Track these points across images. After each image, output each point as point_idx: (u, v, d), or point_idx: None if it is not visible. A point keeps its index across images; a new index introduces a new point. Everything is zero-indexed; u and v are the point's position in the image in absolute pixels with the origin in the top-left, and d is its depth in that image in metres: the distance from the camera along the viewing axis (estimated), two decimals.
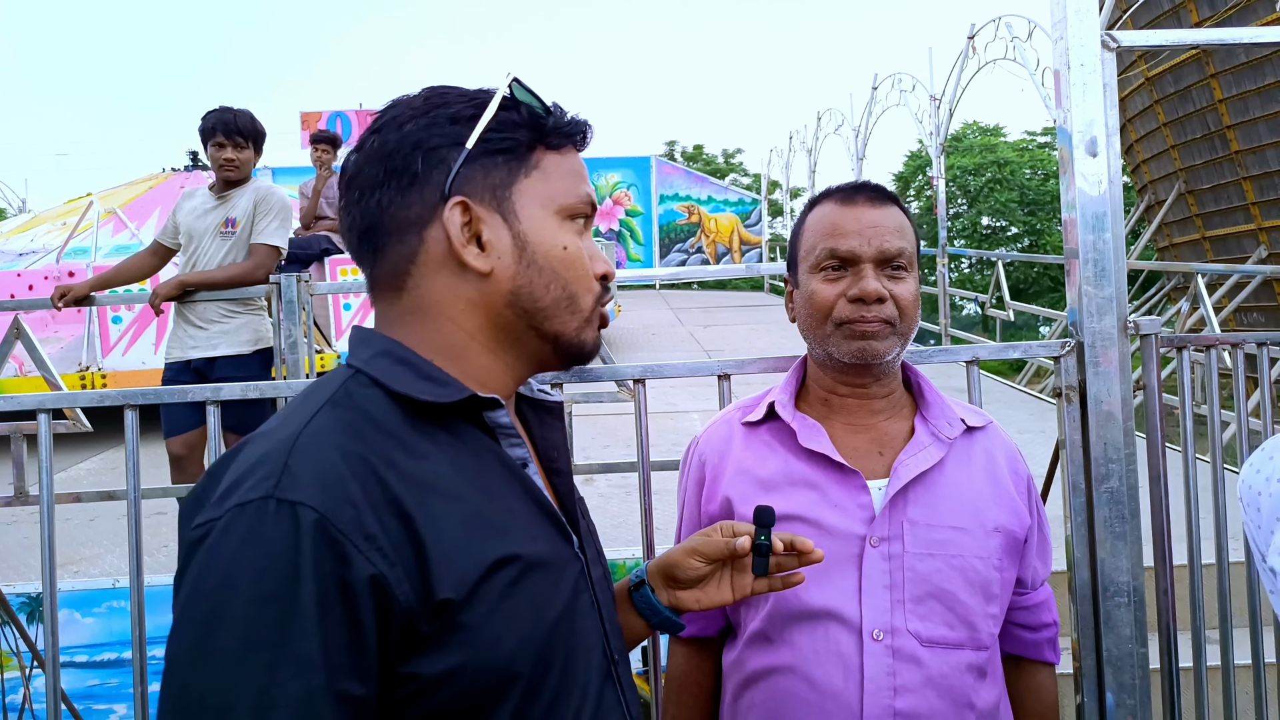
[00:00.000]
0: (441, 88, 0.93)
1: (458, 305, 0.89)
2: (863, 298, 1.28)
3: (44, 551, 1.88)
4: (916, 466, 1.29)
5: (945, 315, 9.25)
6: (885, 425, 1.35)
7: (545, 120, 0.92)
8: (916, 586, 1.25)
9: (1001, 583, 1.30)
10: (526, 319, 0.91)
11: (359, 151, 0.91)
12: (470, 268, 0.88)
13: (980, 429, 1.37)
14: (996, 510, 1.31)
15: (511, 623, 0.81)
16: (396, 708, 0.76)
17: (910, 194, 33.40)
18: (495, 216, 0.89)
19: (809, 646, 1.26)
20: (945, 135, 9.24)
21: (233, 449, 0.82)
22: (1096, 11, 1.74)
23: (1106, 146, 1.73)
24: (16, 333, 3.68)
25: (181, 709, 0.71)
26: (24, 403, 1.87)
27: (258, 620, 0.71)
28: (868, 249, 1.30)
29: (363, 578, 0.73)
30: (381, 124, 0.91)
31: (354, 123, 17.06)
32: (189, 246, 4.00)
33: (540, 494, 0.92)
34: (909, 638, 1.24)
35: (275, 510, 0.73)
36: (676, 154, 33.55)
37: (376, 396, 0.84)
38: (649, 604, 1.12)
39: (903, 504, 1.28)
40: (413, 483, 0.79)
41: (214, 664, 0.70)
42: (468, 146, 0.88)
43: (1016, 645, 1.39)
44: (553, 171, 0.92)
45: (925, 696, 1.23)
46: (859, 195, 1.35)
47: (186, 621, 0.74)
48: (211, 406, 1.79)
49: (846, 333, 1.30)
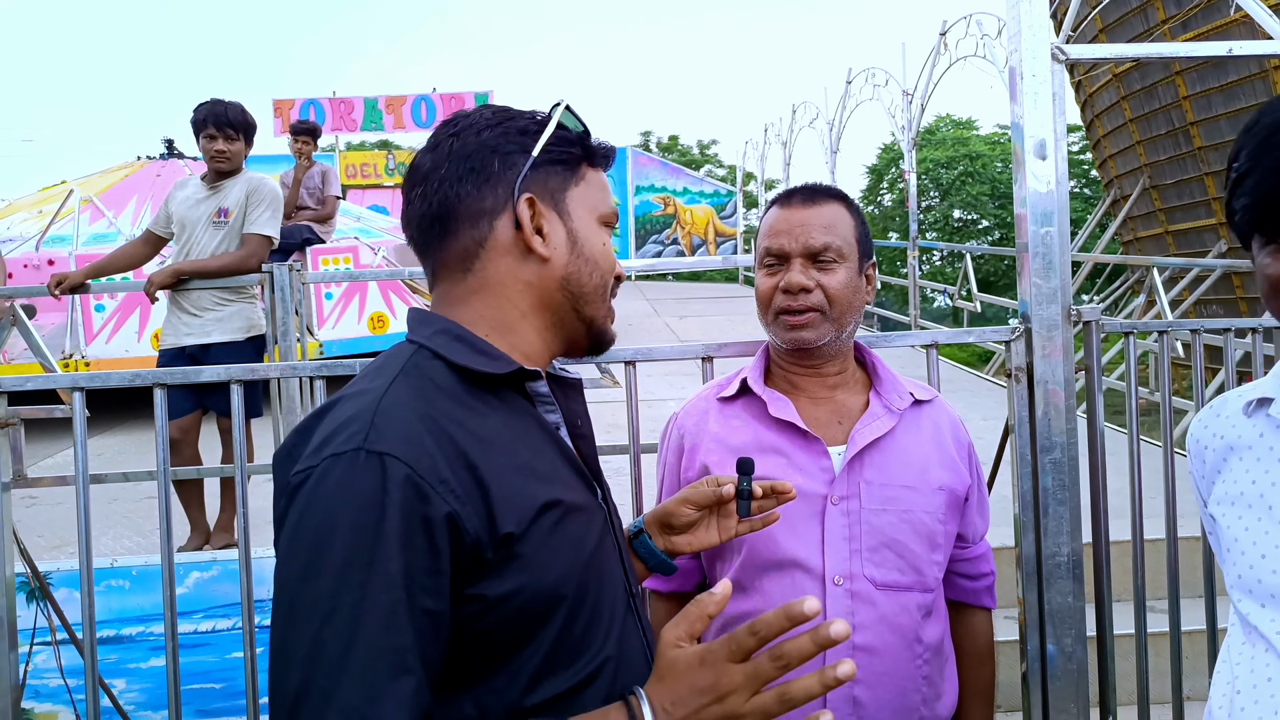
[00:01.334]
0: (505, 106, 1.11)
1: (516, 285, 1.06)
2: (788, 288, 1.47)
3: (80, 530, 2.04)
4: (871, 434, 1.47)
5: (915, 307, 9.48)
6: (842, 398, 1.53)
7: (590, 142, 1.11)
8: (871, 537, 1.44)
9: (945, 534, 1.49)
10: (572, 301, 1.09)
11: (433, 151, 1.07)
12: (534, 253, 1.05)
13: (928, 402, 1.56)
14: (940, 471, 1.50)
15: (558, 554, 0.98)
16: (466, 623, 0.92)
17: (884, 187, 33.71)
18: (553, 214, 1.07)
19: (778, 592, 1.44)
20: (917, 130, 9.44)
21: (317, 411, 0.99)
22: (1049, 26, 1.91)
23: (1055, 150, 1.90)
24: (13, 319, 3.79)
25: (292, 618, 0.87)
26: (59, 381, 1.99)
27: (352, 547, 0.86)
28: (795, 245, 1.48)
29: (440, 514, 0.89)
30: (459, 129, 1.07)
31: (327, 111, 17.00)
32: (181, 235, 4.10)
33: (571, 453, 1.09)
34: (865, 582, 1.43)
35: (365, 459, 0.88)
36: (652, 144, 33.66)
37: (439, 368, 1.00)
38: (647, 549, 1.29)
39: (859, 466, 1.46)
40: (474, 438, 0.95)
41: (318, 582, 0.86)
42: (534, 154, 1.05)
43: (958, 592, 1.60)
44: (594, 184, 1.12)
45: (879, 632, 1.42)
46: (795, 197, 1.54)
47: (293, 550, 0.89)
48: (236, 385, 1.92)
49: (782, 324, 1.50)
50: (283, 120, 16.63)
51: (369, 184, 17.68)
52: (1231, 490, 1.08)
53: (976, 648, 1.60)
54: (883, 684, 1.41)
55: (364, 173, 17.61)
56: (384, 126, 17.38)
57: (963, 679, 1.56)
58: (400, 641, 0.86)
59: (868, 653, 1.41)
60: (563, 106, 1.10)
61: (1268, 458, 1.05)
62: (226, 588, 3.48)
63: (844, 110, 11.52)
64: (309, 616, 0.86)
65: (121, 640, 3.52)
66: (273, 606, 0.90)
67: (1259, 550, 1.02)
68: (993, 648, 1.63)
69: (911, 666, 1.44)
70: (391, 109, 16.92)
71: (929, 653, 1.46)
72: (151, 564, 3.52)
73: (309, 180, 6.85)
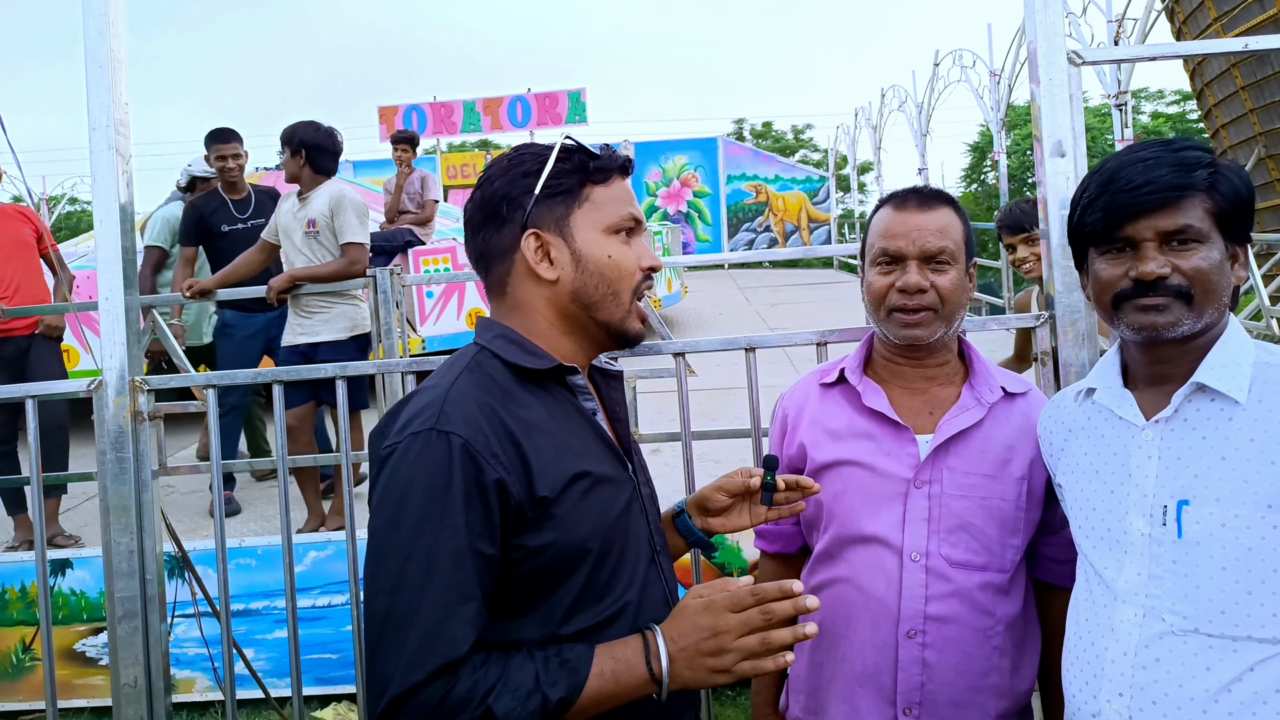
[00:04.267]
0: (521, 148, 1.34)
1: (539, 303, 1.30)
2: (905, 288, 1.58)
3: (217, 513, 2.31)
4: (958, 425, 1.58)
5: (1009, 289, 9.36)
6: (937, 390, 1.65)
7: (589, 163, 1.31)
8: (950, 520, 1.57)
9: (1025, 520, 1.58)
10: (585, 311, 1.31)
11: (471, 202, 1.33)
12: (543, 278, 1.28)
13: (1021, 395, 1.66)
14: (1023, 462, 1.58)
15: (586, 515, 1.22)
16: (511, 566, 1.18)
17: (986, 165, 32.85)
18: (559, 240, 1.29)
19: (861, 563, 1.60)
20: (1006, 110, 9.31)
21: (402, 400, 1.26)
22: (1064, 32, 2.04)
23: (1073, 148, 2.03)
24: (152, 325, 4.21)
25: (380, 558, 1.14)
26: (195, 380, 2.31)
27: (428, 504, 1.13)
28: (912, 248, 1.58)
29: (491, 480, 1.14)
30: (482, 181, 1.32)
31: (429, 116, 17.62)
32: (285, 244, 4.53)
33: (604, 434, 1.32)
34: (940, 559, 1.56)
35: (436, 437, 1.15)
36: (745, 131, 33.51)
37: (497, 365, 1.25)
38: (687, 527, 1.53)
39: (944, 455, 1.58)
40: (520, 421, 1.20)
41: (402, 530, 1.13)
42: (535, 194, 1.28)
43: (1047, 573, 1.67)
44: (599, 201, 1.31)
45: (950, 604, 1.55)
46: (909, 201, 1.63)
47: (382, 506, 1.16)
48: (340, 381, 2.21)
49: (897, 321, 1.60)
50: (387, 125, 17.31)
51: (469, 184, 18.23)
52: (1070, 462, 1.45)
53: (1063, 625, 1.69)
54: (951, 649, 1.55)
55: (464, 173, 18.18)
56: (482, 128, 17.91)
57: (1051, 655, 1.59)
58: (465, 575, 1.12)
59: (939, 621, 1.55)
60: (557, 146, 1.30)
61: (1094, 435, 1.42)
62: (340, 566, 3.81)
63: (933, 93, 11.41)
64: (394, 556, 1.12)
65: (249, 613, 3.86)
66: (366, 551, 1.17)
67: (1091, 504, 1.39)
68: None
69: (982, 637, 1.55)
70: (489, 110, 17.43)
71: (1002, 626, 1.56)
72: (274, 544, 3.87)
73: (409, 185, 7.26)
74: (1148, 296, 1.30)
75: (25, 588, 3.88)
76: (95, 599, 3.88)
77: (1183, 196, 1.28)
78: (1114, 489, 1.35)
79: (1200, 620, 1.23)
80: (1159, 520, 1.28)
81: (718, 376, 4.61)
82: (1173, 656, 1.24)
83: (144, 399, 2.18)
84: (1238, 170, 1.33)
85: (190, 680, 3.82)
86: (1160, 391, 1.35)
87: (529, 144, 1.35)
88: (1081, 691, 1.33)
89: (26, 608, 3.88)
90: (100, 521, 2.16)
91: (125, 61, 2.14)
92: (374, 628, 1.12)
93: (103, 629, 3.84)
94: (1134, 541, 1.30)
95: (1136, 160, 1.32)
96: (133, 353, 2.16)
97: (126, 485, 2.16)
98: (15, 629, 3.87)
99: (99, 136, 2.10)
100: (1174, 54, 2.18)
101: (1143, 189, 1.29)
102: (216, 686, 3.79)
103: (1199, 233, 1.29)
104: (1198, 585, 1.24)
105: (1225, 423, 1.27)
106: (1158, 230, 1.30)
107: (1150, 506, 1.30)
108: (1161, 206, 1.29)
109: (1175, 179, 1.29)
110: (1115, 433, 1.38)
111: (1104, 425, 1.41)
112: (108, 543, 2.17)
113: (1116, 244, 1.34)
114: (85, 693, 3.85)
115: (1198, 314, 1.29)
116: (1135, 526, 1.31)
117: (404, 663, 1.08)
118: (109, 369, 2.15)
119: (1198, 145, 1.33)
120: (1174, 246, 1.30)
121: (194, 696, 3.82)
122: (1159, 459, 1.31)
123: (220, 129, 5.07)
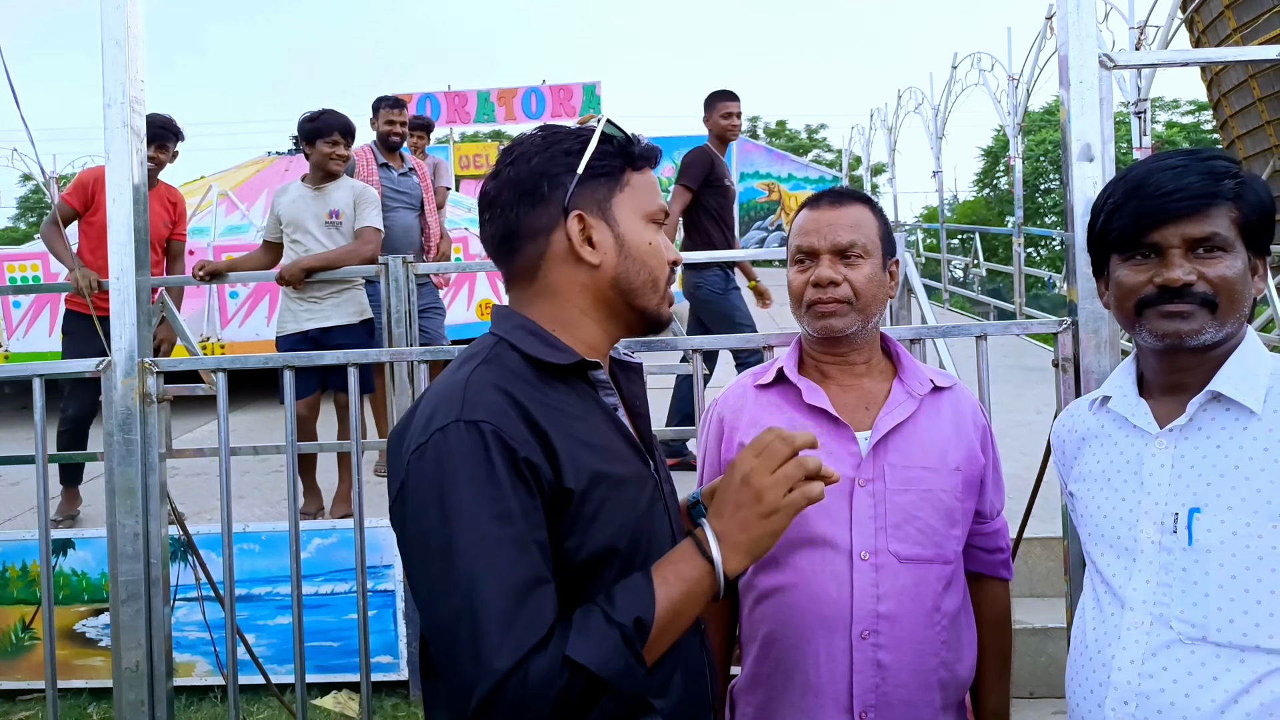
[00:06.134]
0: (553, 127, 1.28)
1: (574, 288, 1.24)
2: (818, 282, 1.61)
3: (222, 497, 2.29)
4: (894, 419, 1.59)
5: (1020, 294, 9.33)
6: (868, 385, 1.66)
7: (631, 149, 1.27)
8: (895, 515, 1.57)
9: (963, 511, 1.62)
10: (625, 297, 1.25)
11: (495, 179, 1.25)
12: (585, 262, 1.23)
13: (948, 388, 1.68)
14: (957, 453, 1.62)
15: (613, 516, 1.16)
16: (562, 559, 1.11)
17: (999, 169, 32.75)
18: (601, 223, 1.23)
19: (809, 567, 1.59)
20: (1023, 115, 9.26)
21: (417, 400, 1.19)
22: (1095, 35, 2.00)
23: (1102, 153, 2.00)
24: (161, 306, 4.20)
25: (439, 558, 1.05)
26: (205, 363, 2.30)
27: (476, 495, 1.06)
28: (823, 243, 1.61)
29: (525, 461, 1.08)
30: (513, 158, 1.25)
31: (443, 105, 17.59)
32: (294, 234, 4.49)
33: (627, 430, 1.27)
34: (889, 556, 1.56)
35: (465, 428, 1.08)
36: (760, 129, 33.47)
37: (515, 357, 1.19)
38: (703, 517, 1.47)
39: (884, 450, 1.59)
40: (545, 411, 1.14)
41: (452, 526, 1.05)
42: (578, 173, 1.22)
43: (978, 564, 1.72)
44: (638, 187, 1.26)
45: (901, 602, 1.55)
46: (823, 200, 1.67)
47: (424, 509, 1.07)
48: (352, 368, 2.18)
49: (813, 314, 1.62)
50: None
51: (482, 174, 18.18)
52: (1083, 470, 1.46)
53: (995, 616, 1.73)
54: (904, 648, 1.55)
55: (477, 163, 18.16)
56: (496, 118, 17.85)
57: (982, 644, 1.69)
58: (531, 559, 1.06)
59: (890, 620, 1.54)
60: (603, 122, 1.25)
61: (1107, 443, 1.43)
62: (344, 554, 3.80)
63: (949, 95, 11.36)
64: (452, 554, 1.04)
65: (251, 598, 3.85)
66: (411, 563, 1.10)
67: (1102, 512, 1.39)
68: (1009, 616, 1.75)
69: (931, 633, 1.57)
70: (503, 101, 17.37)
71: (947, 620, 1.59)
72: (278, 530, 3.86)
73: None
74: (1172, 303, 1.31)
75: (26, 566, 3.88)
76: (96, 580, 3.88)
77: (1211, 205, 1.29)
78: (1125, 497, 1.36)
79: (1208, 629, 1.22)
80: (1169, 528, 1.28)
81: (729, 373, 4.59)
82: (1180, 666, 1.23)
83: (152, 381, 2.16)
84: (1263, 182, 1.33)
85: (190, 664, 3.82)
86: (1175, 400, 1.35)
87: (556, 125, 1.29)
88: (1086, 700, 1.33)
89: (27, 586, 3.87)
90: (105, 503, 2.14)
91: (142, 38, 2.11)
92: (442, 635, 1.05)
93: (102, 610, 3.84)
94: (1144, 549, 1.30)
95: (1165, 167, 1.33)
96: (142, 334, 2.14)
97: (133, 467, 2.14)
98: (15, 608, 3.87)
99: (114, 113, 2.08)
100: (1208, 60, 2.15)
101: (1173, 195, 1.30)
102: (217, 670, 3.78)
103: (1225, 241, 1.30)
104: (1207, 593, 1.23)
105: (1240, 432, 1.28)
106: (1185, 237, 1.30)
107: (1161, 514, 1.30)
108: (1190, 213, 1.29)
109: (1204, 187, 1.29)
110: (1129, 440, 1.39)
111: (1118, 433, 1.41)
112: (112, 525, 2.16)
113: (1141, 250, 1.34)
114: (84, 673, 3.85)
115: (1220, 322, 1.30)
116: (1146, 534, 1.31)
117: (484, 662, 1.00)
118: (118, 350, 2.13)
119: (1224, 155, 1.34)
120: (1199, 254, 1.30)
121: (193, 680, 3.81)
122: (1172, 467, 1.31)
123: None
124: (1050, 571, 3.73)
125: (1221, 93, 13.80)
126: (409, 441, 1.13)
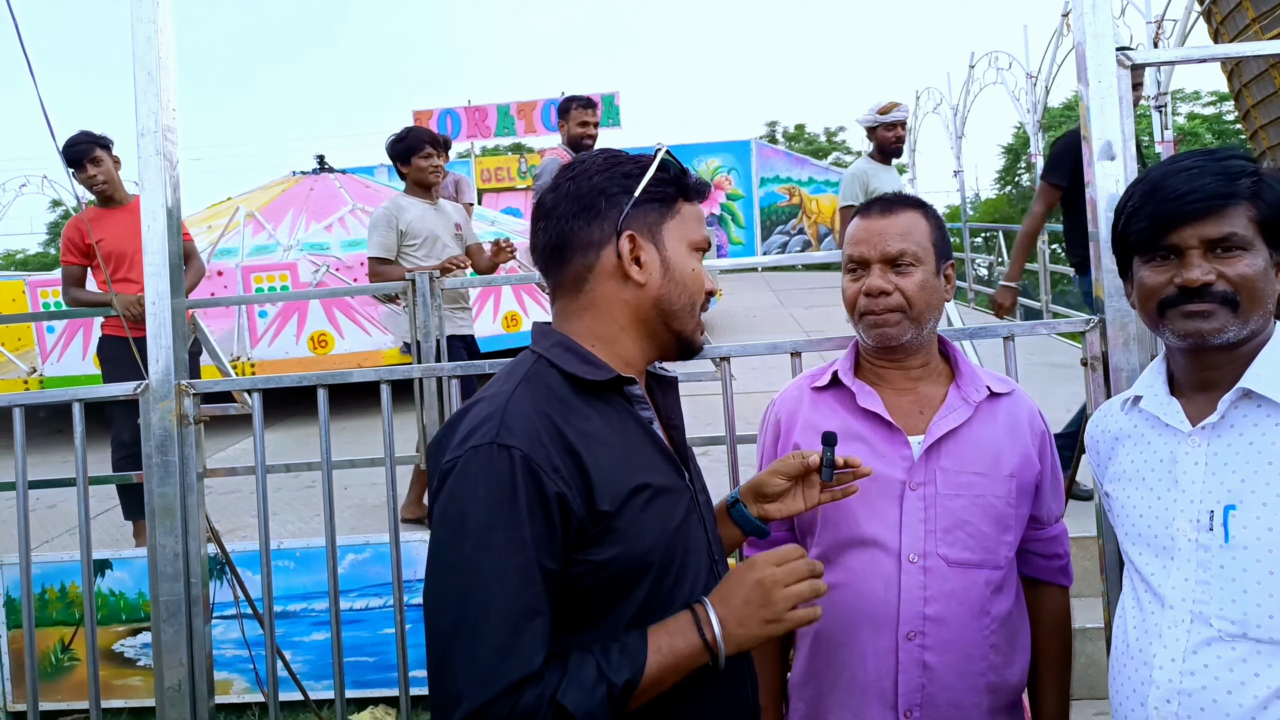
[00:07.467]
0: (615, 150, 1.34)
1: (617, 304, 1.29)
2: (869, 292, 1.62)
3: (260, 515, 2.32)
4: (947, 424, 1.60)
5: (1046, 291, 9.27)
6: (925, 390, 1.67)
7: (686, 180, 1.33)
8: (945, 519, 1.58)
9: (1016, 517, 1.61)
10: (664, 318, 1.30)
11: (555, 191, 1.31)
12: (632, 279, 1.28)
13: (1006, 394, 1.68)
14: (1011, 459, 1.62)
15: (648, 528, 1.21)
16: (575, 580, 1.16)
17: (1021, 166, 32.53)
18: (650, 245, 1.29)
19: (859, 567, 1.60)
20: (1042, 112, 9.22)
21: (460, 410, 1.24)
22: (1112, 33, 2.00)
23: (1123, 150, 2.00)
24: (193, 328, 4.26)
25: (447, 572, 1.12)
26: (240, 384, 2.32)
27: (493, 518, 1.11)
28: (874, 252, 1.62)
29: (552, 494, 1.13)
30: (575, 174, 1.31)
31: (463, 119, 17.72)
32: (429, 247, 4.53)
33: (662, 443, 1.31)
34: (938, 559, 1.57)
35: (498, 451, 1.13)
36: (778, 134, 33.44)
37: (554, 375, 1.24)
38: (743, 516, 1.51)
39: (936, 455, 1.60)
40: (580, 434, 1.19)
41: (466, 545, 1.11)
42: (635, 195, 1.28)
43: (1035, 570, 1.71)
44: (688, 216, 1.34)
45: (949, 604, 1.56)
46: (873, 208, 1.67)
47: (445, 521, 1.14)
48: (384, 385, 2.21)
49: (866, 323, 1.64)
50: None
51: (503, 187, 18.33)
52: (1118, 469, 1.47)
53: (1053, 621, 1.71)
54: (951, 650, 1.55)
55: (498, 176, 18.28)
56: (516, 131, 17.97)
57: (1040, 649, 1.68)
58: (533, 589, 1.11)
59: (937, 623, 1.55)
60: (663, 151, 1.31)
61: (1140, 442, 1.44)
62: (378, 569, 3.83)
63: (968, 95, 11.31)
64: (459, 571, 1.11)
65: (287, 615, 3.88)
66: (427, 566, 1.16)
67: (1138, 511, 1.40)
68: (1069, 622, 1.73)
69: (979, 636, 1.57)
70: (523, 114, 17.50)
71: (996, 624, 1.58)
72: (311, 546, 3.89)
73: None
74: (1193, 303, 1.33)
75: (65, 588, 3.93)
76: (134, 600, 3.93)
77: (1226, 205, 1.31)
78: (1161, 495, 1.37)
79: (1248, 625, 1.23)
80: (1205, 526, 1.29)
81: (751, 380, 4.60)
82: (1220, 663, 1.24)
83: (189, 402, 2.20)
84: None
85: (228, 681, 3.85)
86: (1207, 398, 1.36)
87: (618, 149, 1.35)
88: (1129, 699, 1.33)
89: (66, 608, 3.93)
90: (145, 524, 2.17)
91: (173, 68, 2.16)
92: (439, 643, 1.11)
93: (140, 629, 3.89)
94: (1181, 547, 1.31)
95: (1180, 169, 1.35)
96: (179, 356, 2.18)
97: (172, 488, 2.18)
98: (55, 629, 3.93)
99: (147, 142, 2.13)
100: (1223, 55, 2.14)
101: (1187, 197, 1.32)
102: (255, 688, 3.82)
103: (1243, 240, 1.31)
104: (1245, 590, 1.24)
105: (1272, 428, 1.29)
106: (1202, 238, 1.32)
107: (1197, 512, 1.30)
108: (1205, 214, 1.31)
109: (1219, 187, 1.31)
110: (1162, 440, 1.40)
111: (1151, 433, 1.43)
112: (153, 545, 2.19)
113: (1161, 251, 1.37)
114: (124, 693, 3.90)
115: (1243, 320, 1.31)
116: (1182, 532, 1.31)
117: (476, 679, 1.07)
118: (155, 372, 2.17)
119: (1240, 154, 1.36)
120: (1218, 254, 1.32)
121: (231, 698, 3.85)
122: (1206, 465, 1.32)
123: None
124: (1087, 571, 3.70)
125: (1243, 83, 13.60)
126: (447, 453, 1.18)
